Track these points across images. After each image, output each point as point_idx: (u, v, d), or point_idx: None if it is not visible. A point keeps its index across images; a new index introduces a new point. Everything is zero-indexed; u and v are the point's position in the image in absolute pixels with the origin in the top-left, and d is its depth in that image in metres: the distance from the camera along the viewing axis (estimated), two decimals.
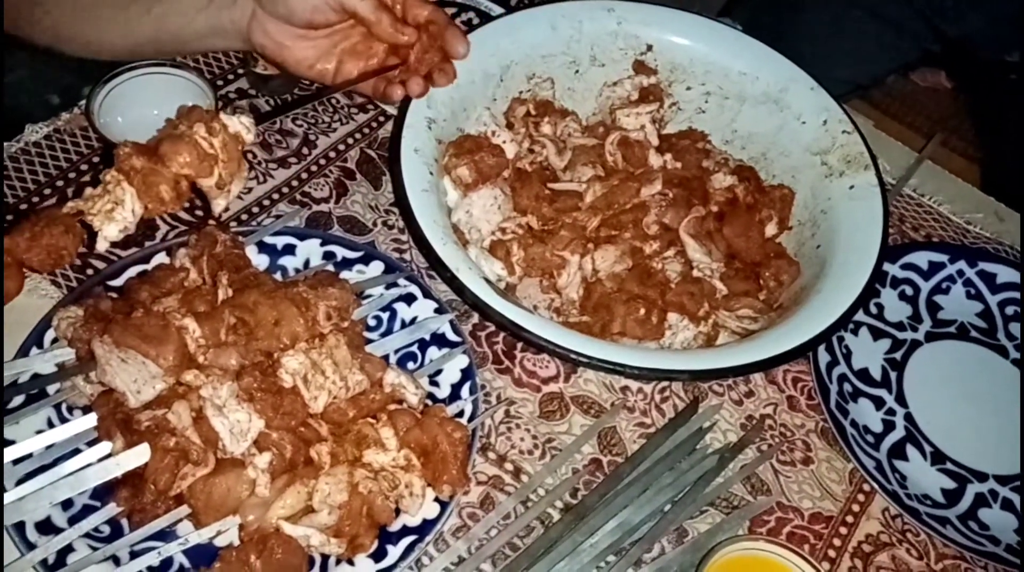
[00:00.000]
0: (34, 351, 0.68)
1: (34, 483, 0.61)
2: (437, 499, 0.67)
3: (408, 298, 0.77)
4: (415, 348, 0.76)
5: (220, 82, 0.93)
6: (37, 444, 0.63)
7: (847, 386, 0.83)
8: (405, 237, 0.86)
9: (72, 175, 0.83)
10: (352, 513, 0.64)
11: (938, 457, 0.81)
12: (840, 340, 0.85)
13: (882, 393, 0.84)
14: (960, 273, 0.92)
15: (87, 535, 0.62)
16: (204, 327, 0.65)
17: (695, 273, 0.82)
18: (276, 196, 0.86)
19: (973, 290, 0.92)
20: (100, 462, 0.62)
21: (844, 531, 0.76)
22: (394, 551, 0.65)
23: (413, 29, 0.81)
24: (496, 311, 0.69)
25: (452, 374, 0.74)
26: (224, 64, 0.95)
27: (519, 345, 0.80)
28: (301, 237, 0.79)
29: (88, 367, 0.65)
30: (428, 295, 0.77)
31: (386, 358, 0.73)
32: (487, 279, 0.72)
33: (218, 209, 0.71)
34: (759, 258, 0.85)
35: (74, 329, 0.67)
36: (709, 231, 0.85)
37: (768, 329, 0.75)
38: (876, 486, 0.76)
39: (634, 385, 0.80)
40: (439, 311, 0.76)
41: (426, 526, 0.66)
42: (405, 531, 0.66)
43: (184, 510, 0.63)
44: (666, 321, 0.79)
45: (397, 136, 0.78)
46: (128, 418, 0.63)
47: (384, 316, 0.77)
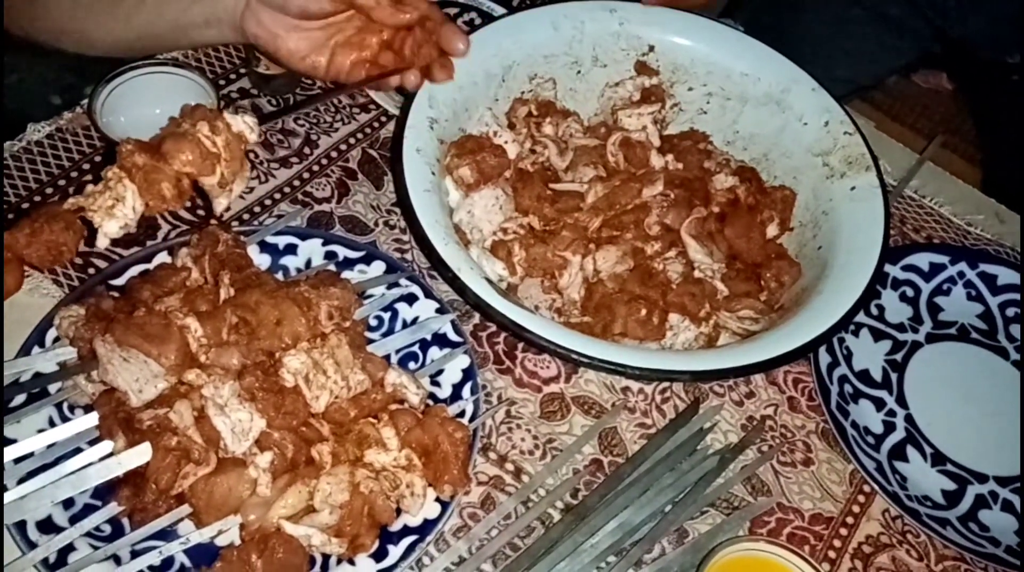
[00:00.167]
0: (36, 350, 0.68)
1: (35, 482, 0.61)
2: (438, 499, 0.67)
3: (409, 298, 0.77)
4: (416, 348, 0.76)
5: (222, 82, 0.93)
6: (38, 443, 0.63)
7: (848, 387, 0.83)
8: (407, 237, 0.86)
9: (74, 174, 0.83)
10: (353, 513, 0.64)
11: (938, 458, 0.81)
12: (841, 341, 0.85)
13: (883, 394, 0.84)
14: (961, 275, 0.93)
15: (88, 534, 0.62)
16: (206, 326, 0.65)
17: (696, 274, 0.82)
18: (278, 196, 0.86)
19: (974, 292, 0.92)
20: (101, 461, 0.62)
21: (844, 532, 0.76)
22: (395, 551, 0.65)
23: (413, 8, 0.79)
24: (497, 311, 0.69)
25: (453, 374, 0.74)
26: (226, 64, 0.95)
27: (520, 345, 0.80)
28: (303, 237, 0.79)
29: (90, 366, 0.65)
30: (429, 295, 0.77)
31: (387, 358, 0.74)
32: (488, 279, 0.72)
33: (220, 208, 0.71)
34: (760, 259, 0.85)
35: (76, 328, 0.67)
36: (710, 232, 0.85)
37: (769, 330, 0.75)
38: (876, 487, 0.76)
39: (635, 386, 0.80)
40: (440, 311, 0.77)
41: (427, 526, 0.66)
42: (406, 531, 0.66)
43: (185, 509, 0.63)
44: (667, 322, 0.79)
45: (399, 136, 0.78)
46: (130, 417, 0.63)
47: (386, 316, 0.77)
